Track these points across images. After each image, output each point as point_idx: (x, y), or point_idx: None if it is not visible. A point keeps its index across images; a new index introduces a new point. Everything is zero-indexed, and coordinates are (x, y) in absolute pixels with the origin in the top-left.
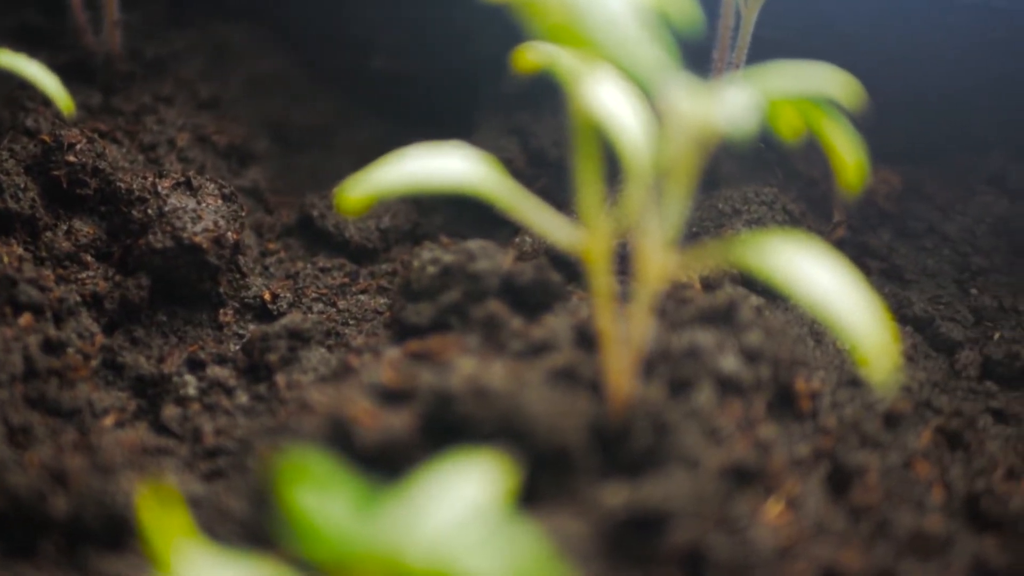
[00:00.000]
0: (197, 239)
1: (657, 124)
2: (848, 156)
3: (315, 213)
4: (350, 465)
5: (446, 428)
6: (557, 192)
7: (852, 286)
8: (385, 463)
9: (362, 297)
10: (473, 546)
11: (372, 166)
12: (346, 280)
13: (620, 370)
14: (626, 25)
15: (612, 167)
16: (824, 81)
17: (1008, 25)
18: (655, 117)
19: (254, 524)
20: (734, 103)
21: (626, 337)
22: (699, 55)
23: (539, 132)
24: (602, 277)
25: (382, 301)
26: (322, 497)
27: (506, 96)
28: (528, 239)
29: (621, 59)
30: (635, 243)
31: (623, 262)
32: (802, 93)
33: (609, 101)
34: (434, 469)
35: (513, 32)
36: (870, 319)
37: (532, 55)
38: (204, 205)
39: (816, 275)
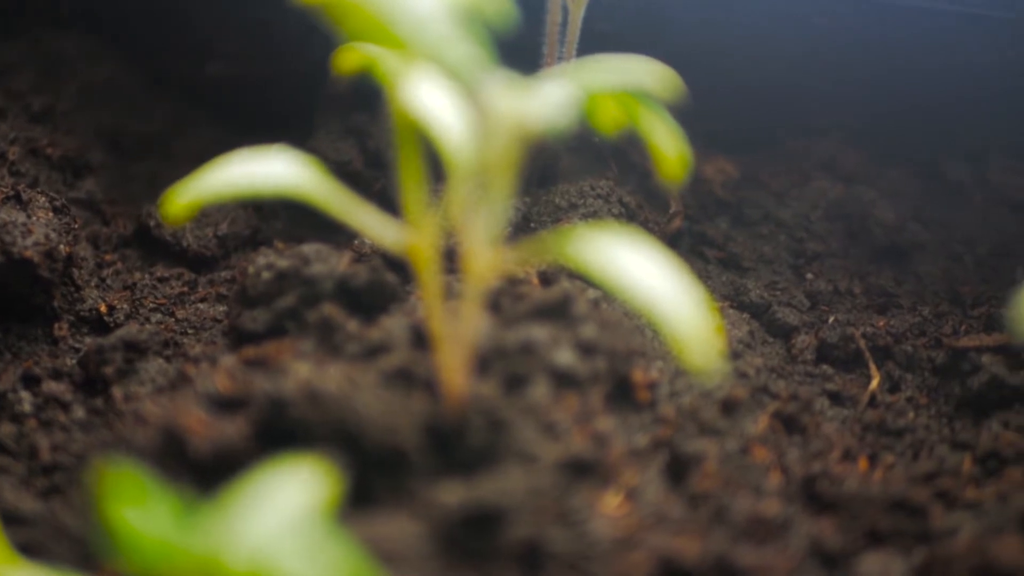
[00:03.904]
0: (28, 253)
1: (479, 122)
2: (668, 149)
3: (152, 223)
4: (186, 475)
5: (281, 434)
6: (396, 193)
7: (674, 278)
8: (221, 471)
9: (201, 306)
10: (292, 551)
11: (198, 173)
12: (184, 289)
13: (453, 368)
14: (435, 23)
15: (442, 166)
16: (644, 74)
17: (840, 13)
18: (477, 115)
19: (88, 541)
20: (550, 99)
21: (458, 335)
22: (532, 51)
23: (376, 133)
24: (430, 276)
25: (221, 309)
26: (142, 510)
27: (344, 98)
28: (368, 241)
29: (434, 57)
30: (461, 241)
31: (459, 260)
32: (622, 86)
33: (427, 100)
34: (258, 476)
35: None
36: (691, 310)
37: (353, 57)
38: (35, 219)
39: (636, 268)
